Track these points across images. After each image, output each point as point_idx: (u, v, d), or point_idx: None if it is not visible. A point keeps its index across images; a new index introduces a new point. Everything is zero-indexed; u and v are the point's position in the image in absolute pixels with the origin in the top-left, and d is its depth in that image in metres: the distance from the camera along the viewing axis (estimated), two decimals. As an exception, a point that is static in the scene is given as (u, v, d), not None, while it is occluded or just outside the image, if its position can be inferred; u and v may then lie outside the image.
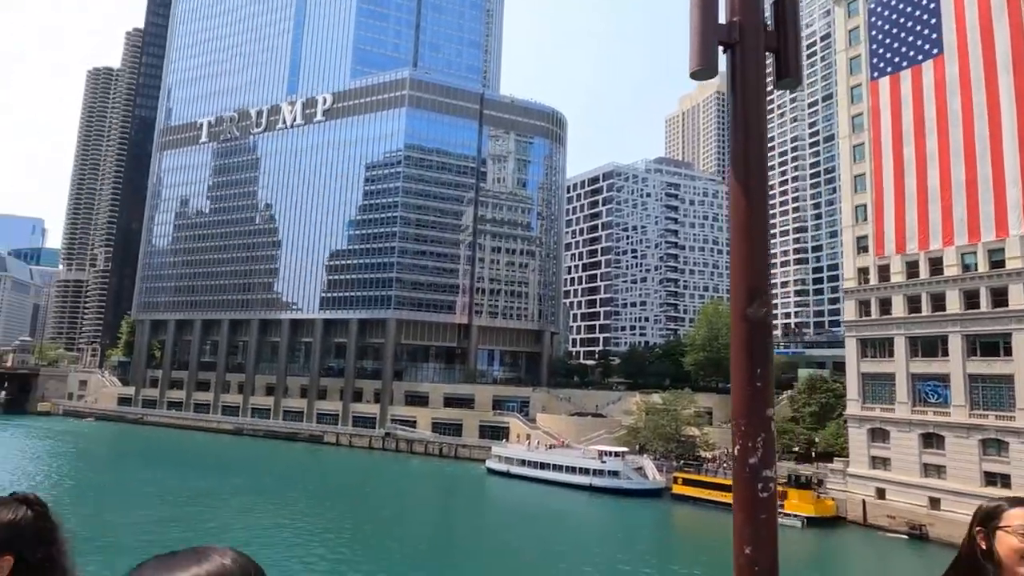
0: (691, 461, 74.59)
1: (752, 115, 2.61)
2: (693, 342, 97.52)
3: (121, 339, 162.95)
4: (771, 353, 2.51)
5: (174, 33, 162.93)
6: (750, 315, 2.47)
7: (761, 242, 2.54)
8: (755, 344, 2.46)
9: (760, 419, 2.41)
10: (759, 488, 2.39)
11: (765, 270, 2.53)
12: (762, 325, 2.47)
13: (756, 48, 2.64)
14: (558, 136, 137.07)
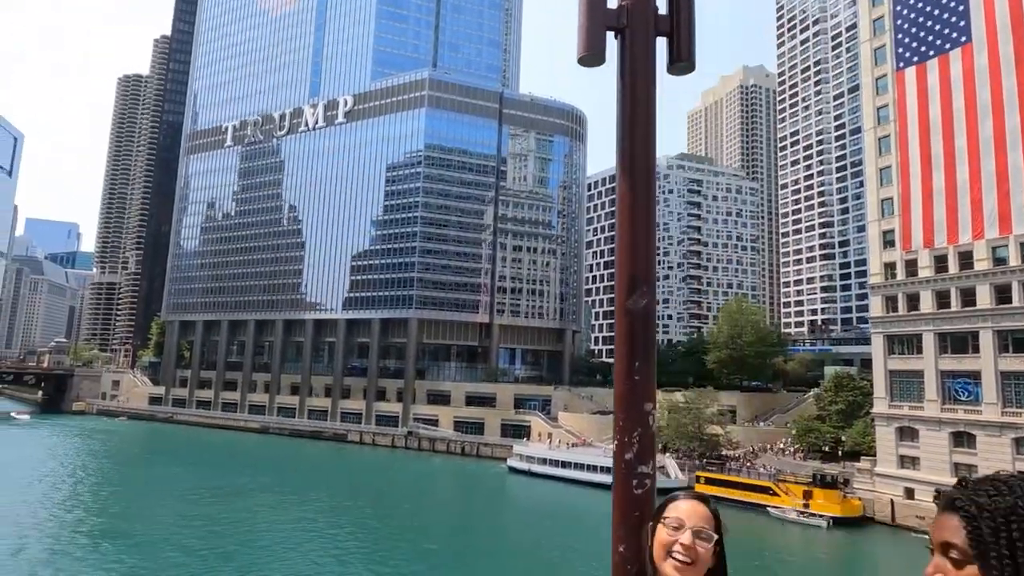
0: (714, 460, 73.75)
1: (641, 101, 2.54)
2: (716, 340, 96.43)
3: (151, 340, 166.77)
4: (652, 346, 2.41)
5: (199, 39, 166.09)
6: (629, 306, 2.41)
7: (645, 230, 2.47)
8: (635, 336, 2.39)
9: (638, 413, 2.32)
10: (634, 485, 2.29)
11: (648, 259, 2.45)
12: (643, 317, 2.40)
13: (646, 33, 2.58)
14: (578, 133, 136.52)
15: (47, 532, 48.40)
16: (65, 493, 63.46)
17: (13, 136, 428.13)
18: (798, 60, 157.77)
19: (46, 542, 45.55)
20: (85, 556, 42.70)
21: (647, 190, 2.51)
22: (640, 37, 2.56)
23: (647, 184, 2.52)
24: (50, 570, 39.37)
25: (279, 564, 42.74)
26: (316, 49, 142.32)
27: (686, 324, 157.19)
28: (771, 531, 57.60)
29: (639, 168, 2.52)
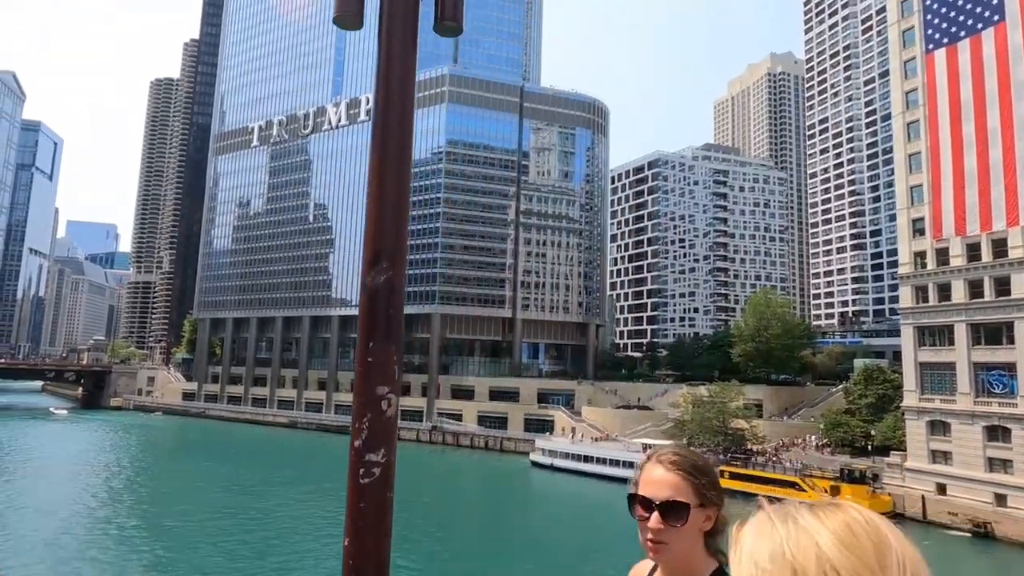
0: (738, 454, 72.63)
1: (398, 64, 2.38)
2: (741, 333, 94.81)
3: (184, 337, 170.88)
4: (395, 326, 2.23)
5: (225, 42, 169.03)
6: (368, 282, 2.26)
7: (395, 200, 2.31)
8: (374, 314, 2.21)
9: (370, 397, 2.15)
10: (361, 474, 2.13)
11: (397, 232, 2.29)
12: (384, 293, 2.23)
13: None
14: (600, 126, 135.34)
15: (84, 523, 49.98)
16: (102, 485, 65.42)
17: (53, 141, 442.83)
18: (827, 46, 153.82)
19: (83, 532, 47.05)
20: (120, 546, 43.99)
21: (400, 159, 2.33)
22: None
23: (400, 153, 2.34)
24: (87, 559, 40.64)
25: (306, 554, 43.48)
26: (338, 49, 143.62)
27: (713, 317, 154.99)
28: (796, 527, 56.60)
29: (392, 135, 2.33)
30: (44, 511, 53.29)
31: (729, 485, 66.38)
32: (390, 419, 2.18)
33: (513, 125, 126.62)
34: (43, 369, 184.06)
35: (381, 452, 2.15)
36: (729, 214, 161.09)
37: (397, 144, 2.34)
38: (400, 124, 2.37)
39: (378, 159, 2.32)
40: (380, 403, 2.16)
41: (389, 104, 2.35)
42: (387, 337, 2.20)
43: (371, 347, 2.18)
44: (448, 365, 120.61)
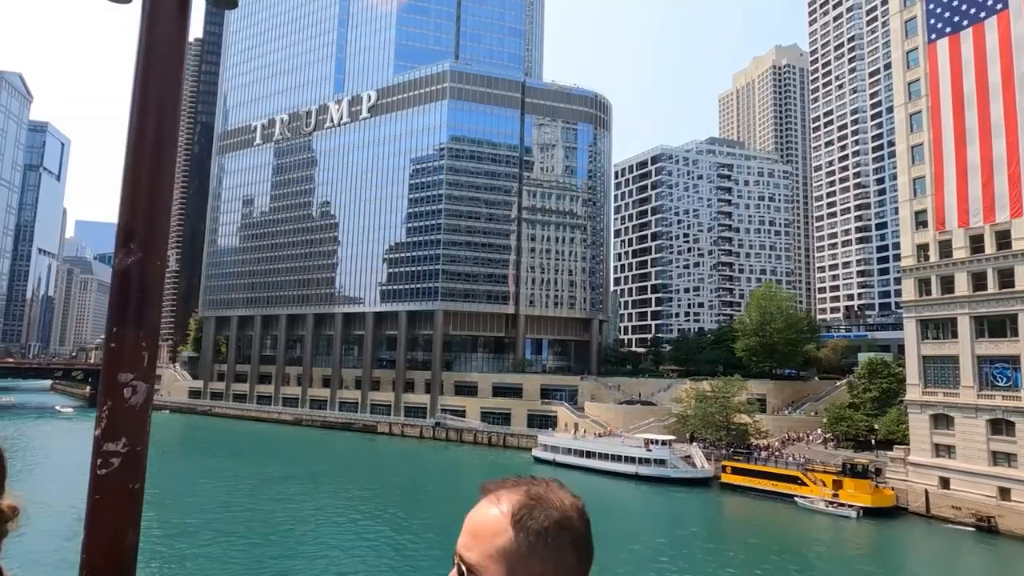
0: (740, 449, 72.35)
1: (163, 34, 2.25)
2: (745, 327, 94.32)
3: (190, 336, 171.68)
4: (144, 311, 2.09)
5: (228, 41, 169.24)
6: (116, 264, 2.13)
7: (151, 181, 2.17)
8: (122, 298, 2.09)
9: (112, 385, 2.05)
10: (98, 464, 2.04)
11: (153, 210, 2.15)
12: (135, 276, 2.10)
13: None
14: (602, 121, 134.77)
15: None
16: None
17: (60, 141, 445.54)
18: (831, 37, 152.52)
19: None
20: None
21: (159, 140, 2.19)
22: None
23: (160, 132, 2.19)
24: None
25: (311, 549, 43.63)
26: (339, 46, 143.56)
27: (718, 312, 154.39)
28: (798, 521, 56.30)
29: (151, 114, 2.20)
30: (48, 509, 53.68)
31: (731, 480, 66.29)
32: (134, 408, 2.08)
33: (515, 121, 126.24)
34: (51, 368, 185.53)
35: (122, 442, 2.04)
36: (734, 208, 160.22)
37: (157, 122, 2.20)
38: (161, 103, 2.22)
39: (136, 139, 2.19)
40: (123, 391, 2.06)
41: (149, 80, 2.22)
42: (136, 323, 2.08)
43: (115, 332, 2.07)
44: (451, 361, 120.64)
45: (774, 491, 62.30)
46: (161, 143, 2.20)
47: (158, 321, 2.18)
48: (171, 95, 2.24)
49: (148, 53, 2.23)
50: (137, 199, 2.15)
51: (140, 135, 2.19)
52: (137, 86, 2.22)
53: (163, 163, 2.20)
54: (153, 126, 2.19)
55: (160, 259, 2.14)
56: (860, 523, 54.74)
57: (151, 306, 2.13)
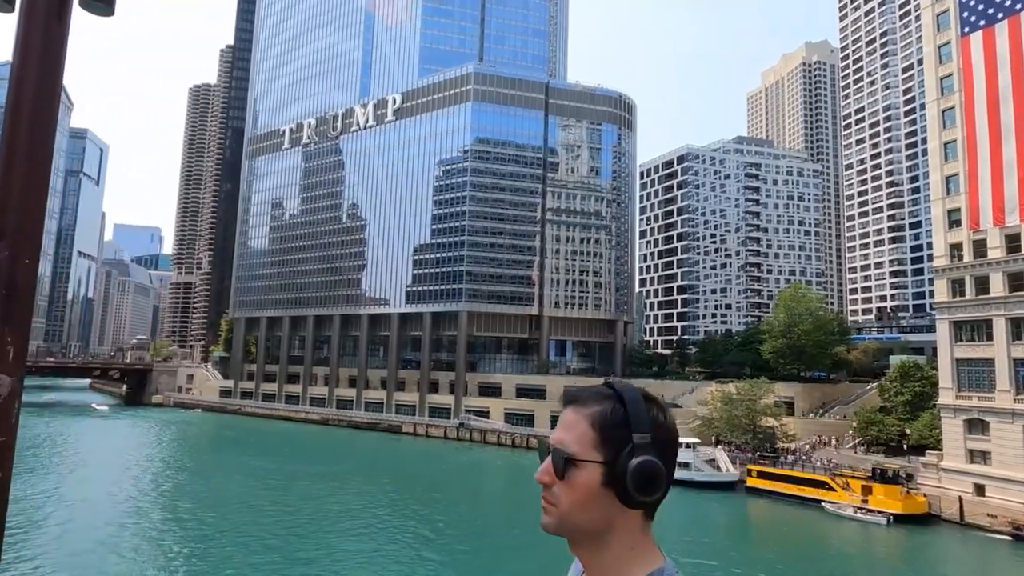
0: (767, 453, 71.14)
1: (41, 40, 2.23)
2: (772, 329, 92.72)
3: (221, 336, 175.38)
4: (13, 308, 2.09)
5: (257, 47, 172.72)
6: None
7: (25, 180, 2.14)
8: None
9: None
10: None
11: (22, 210, 2.13)
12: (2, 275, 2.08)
13: None
14: (627, 121, 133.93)
15: (120, 515, 51.73)
16: (143, 479, 67.64)
17: (99, 148, 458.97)
18: (863, 33, 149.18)
19: (120, 524, 48.69)
20: (154, 538, 45.42)
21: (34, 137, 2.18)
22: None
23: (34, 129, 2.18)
24: (128, 550, 42.05)
25: (336, 547, 44.25)
26: (365, 50, 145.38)
27: (746, 313, 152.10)
28: (826, 527, 55.14)
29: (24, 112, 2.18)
30: (81, 503, 55.38)
31: (757, 484, 65.20)
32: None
33: (539, 122, 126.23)
34: (90, 368, 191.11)
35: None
36: (762, 208, 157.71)
37: (30, 125, 2.17)
38: (36, 98, 2.19)
39: (8, 140, 2.16)
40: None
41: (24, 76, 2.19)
42: (4, 319, 2.06)
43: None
44: (475, 363, 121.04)
45: (801, 496, 61.12)
46: (34, 146, 2.18)
47: (27, 317, 2.13)
48: (47, 99, 2.20)
49: (24, 53, 2.21)
50: (8, 199, 2.13)
51: (12, 137, 2.17)
52: (12, 86, 2.19)
53: (35, 164, 2.17)
54: (26, 129, 2.17)
55: (31, 257, 2.11)
56: (890, 530, 53.37)
57: (19, 303, 2.09)
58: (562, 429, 1.78)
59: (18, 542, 42.85)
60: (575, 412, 1.77)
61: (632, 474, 1.65)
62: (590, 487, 1.71)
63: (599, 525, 1.74)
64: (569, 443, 1.75)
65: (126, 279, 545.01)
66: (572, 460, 1.73)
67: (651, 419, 1.71)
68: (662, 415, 1.76)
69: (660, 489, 1.68)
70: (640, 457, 1.65)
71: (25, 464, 73.26)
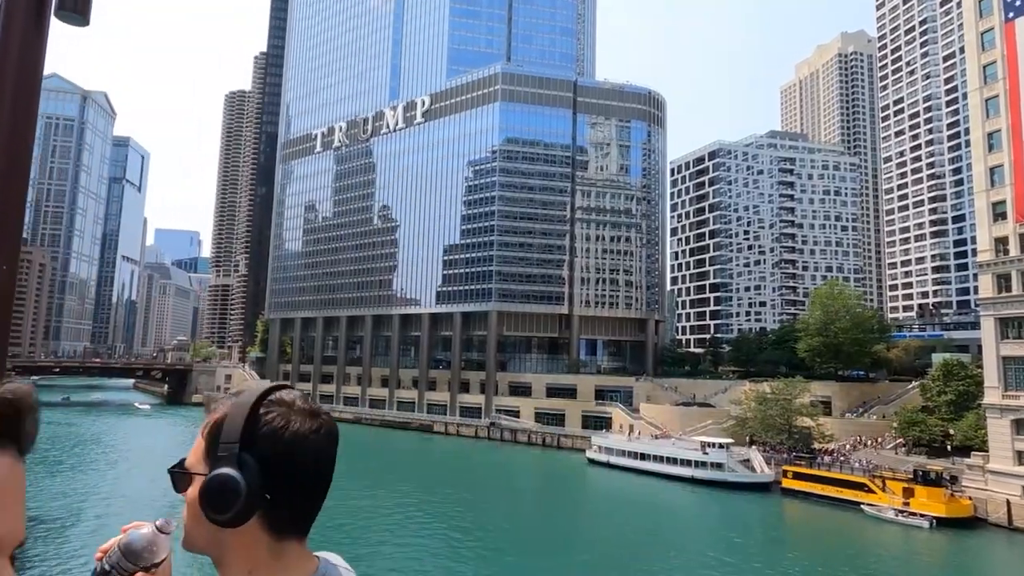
0: (803, 454, 69.61)
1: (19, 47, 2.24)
2: (807, 327, 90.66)
3: (257, 337, 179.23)
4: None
5: (290, 53, 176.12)
6: None
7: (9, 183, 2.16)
8: None
9: None
10: None
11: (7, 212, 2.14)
12: None
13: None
14: (656, 118, 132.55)
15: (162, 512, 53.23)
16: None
17: (141, 155, 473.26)
18: (901, 21, 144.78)
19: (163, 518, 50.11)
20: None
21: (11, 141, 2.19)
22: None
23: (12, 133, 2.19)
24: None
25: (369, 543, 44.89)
26: (394, 53, 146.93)
27: (781, 311, 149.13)
28: (865, 531, 53.69)
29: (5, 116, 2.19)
30: (120, 499, 57.23)
31: (792, 485, 63.91)
32: None
33: (567, 120, 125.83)
34: (133, 368, 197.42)
35: None
36: (797, 203, 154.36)
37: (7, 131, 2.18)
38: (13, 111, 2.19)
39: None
40: None
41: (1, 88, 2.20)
42: None
43: None
44: (506, 362, 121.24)
45: (839, 498, 59.69)
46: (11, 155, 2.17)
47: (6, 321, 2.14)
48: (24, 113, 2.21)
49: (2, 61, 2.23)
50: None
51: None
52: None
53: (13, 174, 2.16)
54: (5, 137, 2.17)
55: (8, 263, 2.10)
56: (933, 533, 51.75)
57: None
58: None
59: (61, 535, 44.53)
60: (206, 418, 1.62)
61: (202, 489, 1.47)
62: (194, 503, 1.51)
63: (210, 545, 1.54)
64: (189, 453, 1.61)
65: (167, 282, 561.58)
66: (184, 473, 1.57)
67: (254, 426, 1.51)
68: (284, 421, 1.53)
69: (232, 507, 1.44)
70: (218, 470, 1.46)
71: (70, 460, 76.09)
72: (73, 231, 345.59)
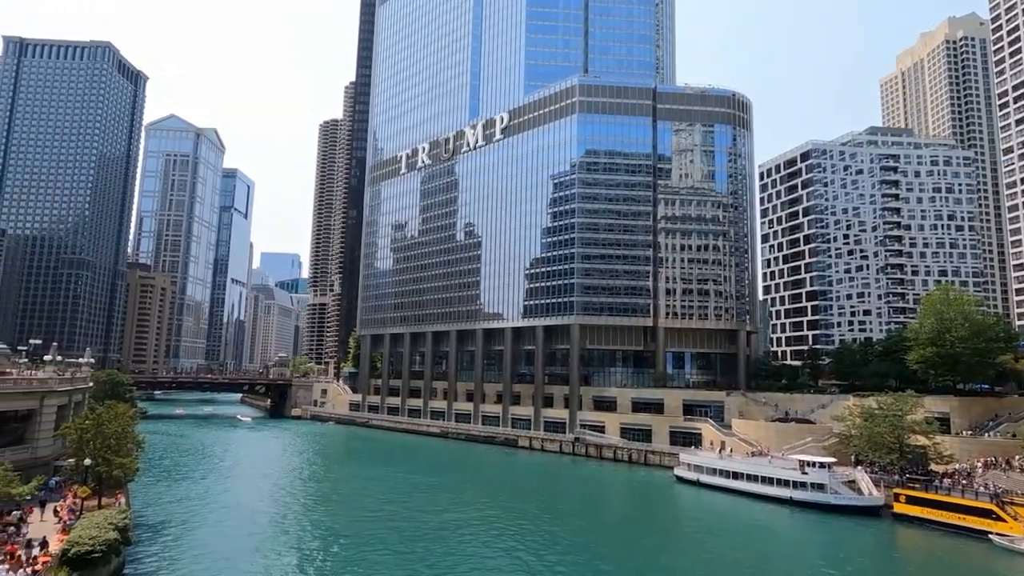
0: (917, 475, 63.46)
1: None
2: (918, 336, 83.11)
3: (350, 353, 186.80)
4: None
5: (376, 81, 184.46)
6: None
7: None
8: None
9: None
10: None
11: None
12: None
13: None
14: (742, 120, 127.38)
15: (266, 519, 56.03)
16: (282, 486, 72.99)
17: (247, 184, 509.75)
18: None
19: (267, 527, 52.73)
20: (296, 541, 48.68)
21: None
22: None
23: None
24: (269, 551, 45.41)
25: (458, 554, 45.08)
26: (473, 73, 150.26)
27: (888, 319, 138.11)
28: (993, 562, 47.97)
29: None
30: (231, 508, 60.58)
31: (906, 510, 58.55)
32: None
33: (647, 128, 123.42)
34: (239, 382, 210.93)
35: None
36: (902, 203, 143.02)
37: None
38: None
39: None
40: None
41: None
42: None
43: None
44: (590, 376, 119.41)
45: (962, 525, 53.83)
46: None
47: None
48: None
49: None
50: None
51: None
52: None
53: None
54: None
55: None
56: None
57: None
58: None
59: (179, 539, 47.60)
60: None
61: None
62: None
63: None
64: None
65: (271, 302, 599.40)
66: None
67: None
68: None
69: None
70: None
71: (181, 470, 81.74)
72: (189, 257, 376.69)
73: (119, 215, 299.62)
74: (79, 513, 42.01)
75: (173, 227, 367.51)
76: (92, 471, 46.19)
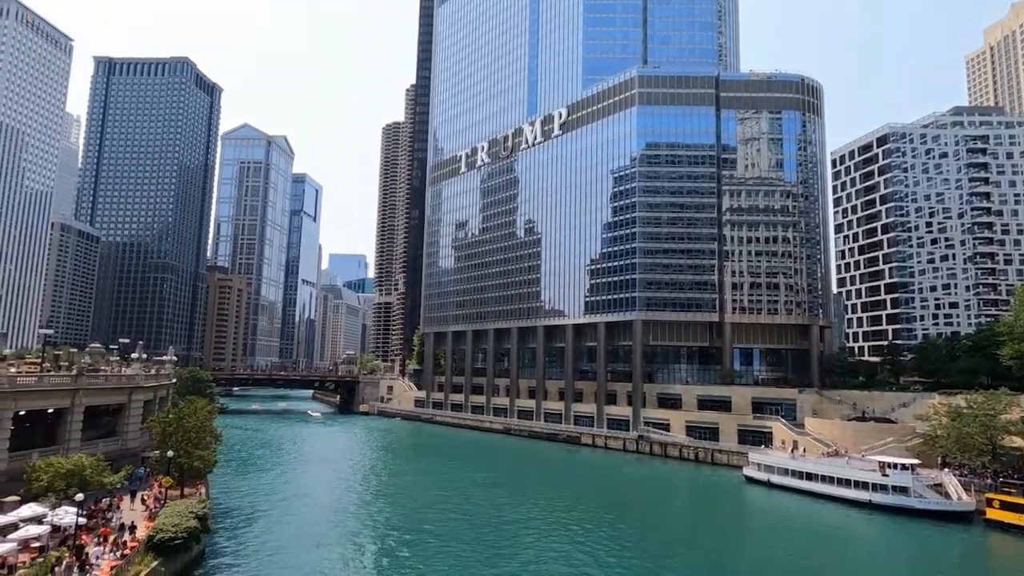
0: (1013, 479, 58.92)
1: None
2: (1012, 330, 77.14)
3: (414, 350, 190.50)
4: None
5: (435, 83, 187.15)
6: None
7: None
8: None
9: None
10: None
11: None
12: None
13: None
14: (812, 105, 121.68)
15: (334, 511, 57.98)
16: (349, 480, 75.31)
17: (315, 188, 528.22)
18: None
19: (334, 520, 54.55)
20: (362, 534, 50.14)
21: None
22: None
23: None
24: (336, 544, 46.95)
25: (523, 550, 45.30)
26: (531, 69, 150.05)
27: (977, 312, 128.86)
28: (1104, 577, 43.92)
29: None
30: (298, 499, 62.93)
31: (1000, 517, 54.70)
32: None
33: (710, 118, 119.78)
34: (309, 379, 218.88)
35: None
36: (993, 187, 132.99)
37: None
38: None
39: None
40: None
41: None
42: None
43: None
44: (653, 373, 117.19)
45: (1065, 535, 49.58)
46: None
47: None
48: None
49: None
50: None
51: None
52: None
53: None
54: None
55: None
56: None
57: None
58: None
59: (255, 528, 49.81)
60: None
61: None
62: None
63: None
64: None
65: (339, 302, 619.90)
66: None
67: None
68: None
69: None
70: None
71: (257, 462, 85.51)
72: (263, 259, 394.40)
73: (199, 220, 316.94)
74: (163, 502, 44.57)
75: (248, 231, 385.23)
76: (175, 462, 48.90)
